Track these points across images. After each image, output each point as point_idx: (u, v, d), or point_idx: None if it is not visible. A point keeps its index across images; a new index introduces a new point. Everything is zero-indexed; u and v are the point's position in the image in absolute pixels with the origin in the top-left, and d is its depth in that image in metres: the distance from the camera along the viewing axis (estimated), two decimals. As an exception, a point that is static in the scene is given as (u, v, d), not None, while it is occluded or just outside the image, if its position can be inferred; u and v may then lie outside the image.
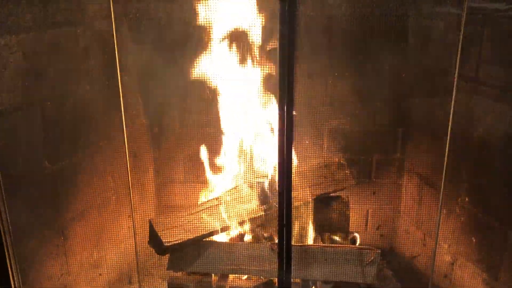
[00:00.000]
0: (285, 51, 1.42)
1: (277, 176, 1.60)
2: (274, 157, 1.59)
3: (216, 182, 2.19)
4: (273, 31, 1.66)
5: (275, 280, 1.92)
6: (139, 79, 2.09)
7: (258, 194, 2.03)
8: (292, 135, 1.54)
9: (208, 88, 1.97)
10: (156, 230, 1.88)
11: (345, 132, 2.26)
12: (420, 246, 2.27)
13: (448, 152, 1.83)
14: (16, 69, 1.62)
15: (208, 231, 1.92)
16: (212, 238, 1.99)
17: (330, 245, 2.00)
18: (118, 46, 1.63)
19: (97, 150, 2.05)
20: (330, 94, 2.19)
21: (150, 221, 1.93)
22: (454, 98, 1.74)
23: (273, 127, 2.01)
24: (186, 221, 1.94)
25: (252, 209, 2.01)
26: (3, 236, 1.63)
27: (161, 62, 2.01)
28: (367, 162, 2.36)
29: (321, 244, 2.03)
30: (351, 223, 2.17)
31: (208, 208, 1.99)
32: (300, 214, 2.06)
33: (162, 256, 1.96)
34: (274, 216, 1.96)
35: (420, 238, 2.26)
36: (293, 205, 1.64)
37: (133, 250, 2.06)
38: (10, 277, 1.67)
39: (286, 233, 1.66)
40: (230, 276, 2.03)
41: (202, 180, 2.23)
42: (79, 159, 1.97)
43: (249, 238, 2.09)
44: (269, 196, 2.02)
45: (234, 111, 2.07)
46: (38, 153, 1.77)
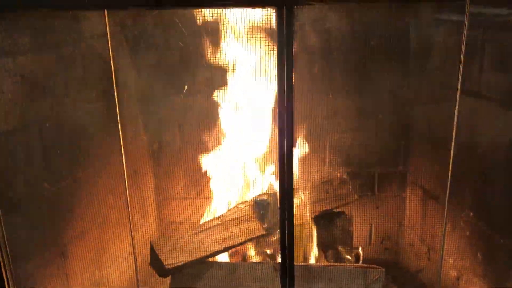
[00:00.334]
0: (283, 68, 1.42)
1: (278, 193, 1.59)
2: (276, 174, 1.59)
3: (217, 201, 2.18)
4: (270, 50, 1.66)
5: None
6: (138, 98, 2.09)
7: (260, 213, 2.01)
8: (292, 152, 1.53)
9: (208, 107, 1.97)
10: (157, 251, 1.87)
11: (347, 146, 2.24)
12: (425, 260, 2.25)
13: (451, 165, 1.81)
14: (14, 91, 1.62)
15: (209, 252, 1.91)
16: (214, 258, 1.98)
17: (334, 263, 1.98)
18: (115, 66, 1.63)
19: (96, 169, 2.04)
20: (331, 108, 2.18)
21: (151, 243, 1.91)
22: (457, 110, 1.73)
23: (273, 143, 1.99)
24: (187, 242, 1.92)
25: (253, 228, 1.99)
26: (1, 257, 1.62)
27: (158, 81, 2.02)
28: (370, 176, 2.35)
29: (324, 263, 2.01)
30: (355, 238, 2.16)
31: (209, 228, 1.98)
32: (303, 232, 2.04)
33: (164, 278, 1.95)
34: (276, 235, 1.98)
35: (424, 252, 2.24)
36: (295, 223, 1.63)
37: (133, 269, 2.05)
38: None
39: (289, 252, 1.65)
40: (233, 296, 2.02)
41: (203, 198, 2.22)
42: (79, 179, 1.96)
43: (251, 258, 2.07)
44: (271, 215, 2.00)
45: (234, 129, 2.07)
46: (37, 174, 1.77)
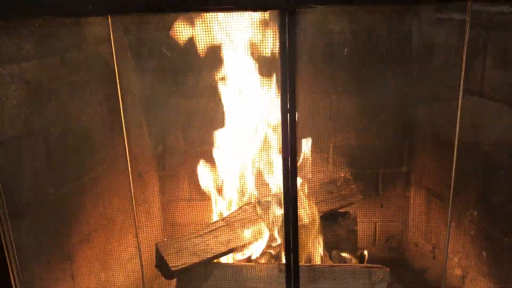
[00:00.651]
0: (286, 71, 1.43)
1: (282, 194, 1.60)
2: (279, 175, 1.59)
3: (222, 202, 2.19)
4: (273, 54, 1.67)
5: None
6: (142, 102, 2.10)
7: (265, 214, 2.02)
8: (296, 152, 1.54)
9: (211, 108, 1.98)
10: (163, 254, 1.88)
11: (350, 146, 2.25)
12: (429, 259, 2.25)
13: (455, 164, 1.81)
14: (18, 97, 1.64)
15: (215, 254, 1.92)
16: (219, 260, 1.99)
17: (339, 264, 1.99)
18: (118, 71, 1.64)
19: (101, 173, 2.05)
20: (335, 109, 2.18)
21: (156, 245, 1.93)
22: (460, 110, 1.73)
23: (277, 145, 1.98)
24: (193, 244, 1.93)
25: (258, 229, 2.00)
26: (9, 262, 1.64)
27: (162, 85, 2.03)
28: (374, 176, 2.35)
29: (329, 263, 2.02)
30: (360, 237, 2.17)
31: (214, 229, 1.99)
32: (307, 233, 2.04)
33: (170, 280, 1.96)
34: (280, 235, 1.99)
35: (429, 251, 2.25)
36: (299, 223, 1.64)
37: (139, 271, 2.06)
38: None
39: (293, 253, 1.66)
40: (238, 297, 2.03)
41: (208, 200, 2.23)
42: (84, 183, 1.97)
43: (256, 259, 2.08)
44: (275, 216, 2.01)
45: (237, 130, 2.08)
46: (42, 179, 1.78)
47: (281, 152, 1.54)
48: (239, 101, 2.05)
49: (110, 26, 1.50)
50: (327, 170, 2.21)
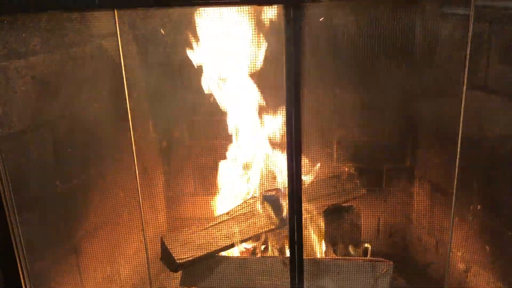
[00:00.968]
0: (291, 64, 1.44)
1: (287, 188, 1.61)
2: (284, 169, 1.60)
3: (226, 196, 2.20)
4: (279, 47, 1.67)
5: (288, 293, 1.94)
6: (147, 96, 2.11)
7: (269, 208, 2.03)
8: (301, 147, 1.55)
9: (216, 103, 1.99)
10: (168, 247, 1.90)
11: (354, 141, 2.26)
12: (433, 253, 2.27)
13: (459, 159, 1.82)
14: (26, 91, 1.65)
15: (220, 247, 1.93)
16: (224, 253, 2.00)
17: (343, 257, 2.00)
18: (125, 66, 1.65)
19: (108, 167, 2.07)
20: (339, 103, 2.19)
21: (162, 238, 1.94)
22: (464, 104, 1.73)
23: (282, 139, 1.99)
24: (198, 237, 1.95)
25: (263, 223, 2.01)
26: (17, 255, 1.66)
27: (167, 79, 2.04)
28: (378, 170, 2.36)
29: (333, 256, 2.03)
30: (363, 232, 2.18)
31: (219, 223, 2.01)
32: (311, 226, 2.06)
33: (175, 272, 1.98)
34: (285, 229, 1.99)
35: (433, 245, 2.26)
36: (303, 217, 1.65)
37: (145, 264, 2.07)
38: (25, 296, 1.69)
39: (298, 246, 1.67)
40: (243, 290, 2.05)
41: (213, 193, 2.24)
42: (90, 177, 1.99)
43: (260, 252, 2.09)
44: (279, 209, 2.02)
45: (242, 124, 2.09)
46: (49, 173, 1.80)
47: (286, 146, 1.56)
48: (244, 95, 2.05)
49: (116, 20, 1.51)
50: (331, 165, 2.22)
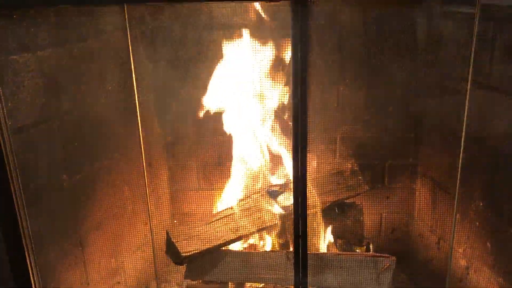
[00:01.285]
0: (298, 62, 1.45)
1: (292, 184, 1.62)
2: (289, 165, 1.61)
3: (231, 191, 2.21)
4: (286, 44, 1.68)
5: (291, 287, 1.95)
6: (154, 91, 2.12)
7: (273, 203, 2.04)
8: (307, 142, 1.56)
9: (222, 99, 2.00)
10: (173, 240, 1.91)
11: (357, 138, 2.27)
12: (434, 250, 2.27)
13: (462, 156, 1.83)
14: (34, 85, 1.66)
15: (224, 241, 1.94)
16: (228, 247, 2.01)
17: (346, 252, 2.02)
18: (134, 61, 1.65)
19: (113, 161, 2.08)
20: (343, 100, 2.20)
21: (167, 231, 1.95)
22: (468, 102, 1.74)
23: (287, 135, 2.02)
24: (203, 230, 1.96)
25: (267, 217, 2.02)
26: (25, 247, 1.67)
27: (175, 75, 2.04)
28: (381, 167, 2.37)
29: (336, 251, 2.05)
30: (366, 228, 2.20)
31: (223, 217, 2.02)
32: (315, 222, 2.07)
33: (180, 266, 1.99)
34: (289, 224, 2.01)
35: (434, 242, 2.27)
36: (307, 213, 1.66)
37: (149, 258, 2.10)
38: (32, 287, 1.70)
39: (302, 241, 1.68)
40: (247, 284, 2.07)
41: (217, 188, 2.26)
42: (96, 171, 2.00)
43: (264, 247, 2.11)
44: (283, 204, 2.04)
45: (248, 120, 2.10)
46: (56, 166, 1.81)
47: (292, 142, 1.56)
48: (251, 91, 2.06)
49: (126, 15, 1.52)
50: (335, 161, 2.23)
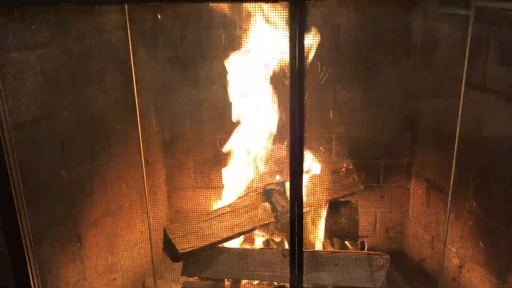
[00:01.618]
0: (295, 61, 1.46)
1: (288, 183, 1.64)
2: (285, 163, 1.62)
3: (228, 189, 2.23)
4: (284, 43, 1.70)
5: (287, 285, 1.96)
6: (153, 90, 2.13)
7: (270, 201, 2.06)
8: (303, 143, 1.58)
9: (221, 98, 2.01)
10: (170, 237, 1.92)
11: (353, 137, 2.27)
12: (428, 249, 2.29)
13: (455, 157, 1.85)
14: (34, 83, 1.68)
15: (220, 238, 1.96)
16: (225, 245, 2.03)
17: (340, 250, 2.03)
18: (134, 60, 1.66)
19: (111, 159, 2.09)
20: (339, 100, 2.22)
21: (164, 229, 1.96)
22: (462, 103, 1.76)
23: (284, 134, 2.04)
24: (199, 228, 1.97)
25: (263, 215, 2.04)
26: (24, 243, 1.69)
27: (174, 73, 2.06)
28: (376, 167, 2.39)
29: (331, 249, 2.06)
30: (361, 227, 2.21)
31: (220, 215, 2.03)
32: (310, 220, 2.09)
33: (177, 262, 2.00)
34: (285, 222, 2.02)
35: (428, 241, 2.29)
36: (303, 212, 1.67)
37: (145, 255, 2.11)
38: (31, 282, 1.72)
39: (298, 239, 1.70)
40: (243, 281, 2.08)
41: (214, 186, 2.27)
42: (94, 168, 2.01)
43: (261, 244, 2.13)
44: (280, 203, 2.05)
45: (245, 119, 2.11)
46: (55, 163, 1.82)
47: (289, 141, 1.58)
48: (248, 91, 2.07)
49: (126, 14, 1.53)
50: (331, 160, 2.23)
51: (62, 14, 1.73)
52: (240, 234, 2.02)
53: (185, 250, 1.90)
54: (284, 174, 2.09)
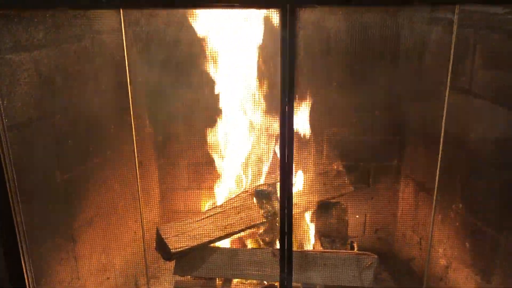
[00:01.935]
0: (286, 66, 1.50)
1: (279, 184, 1.67)
2: (276, 165, 1.64)
3: (220, 190, 2.25)
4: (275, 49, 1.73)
5: (277, 283, 1.99)
6: (146, 93, 2.15)
7: (261, 202, 2.09)
8: (293, 144, 1.61)
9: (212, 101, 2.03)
10: (163, 237, 1.95)
11: (343, 140, 2.31)
12: (416, 249, 2.32)
13: (442, 160, 1.87)
14: (29, 84, 1.69)
15: (212, 238, 1.98)
16: (216, 244, 2.06)
17: (329, 250, 2.06)
18: (128, 63, 1.68)
19: (105, 160, 2.11)
20: (329, 104, 2.24)
21: (157, 228, 1.99)
22: (446, 107, 1.79)
23: (275, 137, 2.04)
24: (191, 228, 2.00)
25: (254, 216, 2.06)
26: (20, 242, 1.71)
27: (168, 76, 2.08)
28: (366, 169, 2.41)
29: (320, 249, 2.09)
30: (350, 227, 2.24)
31: (212, 215, 2.05)
32: (301, 220, 2.11)
33: (169, 261, 2.03)
34: (275, 223, 2.06)
35: (416, 241, 2.32)
36: (294, 212, 1.71)
37: (138, 254, 2.11)
38: (26, 281, 1.74)
39: (288, 239, 1.73)
40: (234, 280, 2.11)
41: (206, 187, 2.29)
42: (89, 169, 2.03)
43: (251, 244, 2.15)
44: (270, 203, 2.08)
45: (237, 121, 2.14)
46: (50, 163, 1.84)
47: (279, 143, 1.61)
48: (240, 94, 2.11)
49: (122, 19, 1.55)
50: (321, 162, 2.25)
51: (58, 16, 1.74)
52: (231, 234, 2.04)
53: (177, 250, 1.92)
54: (275, 175, 2.11)
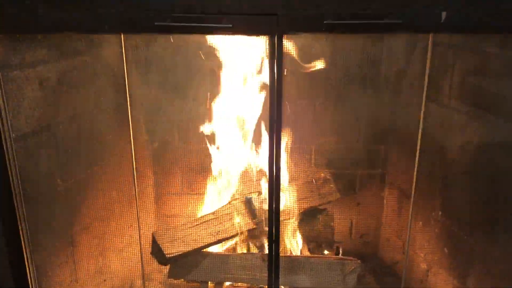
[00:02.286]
0: (274, 85, 1.58)
1: (267, 192, 1.73)
2: (265, 173, 1.72)
3: (212, 197, 2.31)
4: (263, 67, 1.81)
5: (265, 287, 2.06)
6: (146, 109, 2.21)
7: (250, 209, 2.16)
8: (280, 154, 1.67)
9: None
10: (158, 242, 2.01)
11: (331, 150, 2.37)
12: (400, 253, 2.36)
13: (423, 169, 1.96)
14: (33, 98, 1.75)
15: (205, 243, 2.05)
16: (209, 249, 2.12)
17: (315, 255, 2.12)
18: (128, 82, 1.74)
19: (103, 168, 2.15)
20: (317, 118, 2.31)
21: (153, 234, 2.05)
22: (422, 121, 1.90)
23: (263, 147, 2.14)
24: (186, 234, 2.06)
25: (244, 222, 2.12)
26: (24, 247, 1.77)
27: (165, 95, 2.17)
28: (352, 177, 2.46)
29: (307, 254, 2.15)
30: (336, 232, 2.28)
31: (205, 222, 2.11)
32: (288, 227, 2.17)
33: (164, 266, 2.09)
34: (264, 229, 2.11)
35: (399, 246, 2.36)
36: (281, 218, 1.76)
37: (134, 258, 2.16)
38: (30, 284, 1.81)
39: (275, 245, 1.79)
40: (225, 283, 2.16)
41: (199, 194, 2.34)
42: (87, 176, 2.07)
43: (242, 249, 2.20)
44: (260, 210, 2.15)
45: (228, 131, 2.21)
46: (52, 172, 1.89)
47: (268, 153, 1.68)
48: (232, 110, 2.18)
49: (122, 42, 1.62)
50: (309, 170, 2.32)
51: (61, 37, 1.80)
52: (223, 240, 2.10)
53: (172, 255, 1.98)
54: (264, 183, 2.16)
